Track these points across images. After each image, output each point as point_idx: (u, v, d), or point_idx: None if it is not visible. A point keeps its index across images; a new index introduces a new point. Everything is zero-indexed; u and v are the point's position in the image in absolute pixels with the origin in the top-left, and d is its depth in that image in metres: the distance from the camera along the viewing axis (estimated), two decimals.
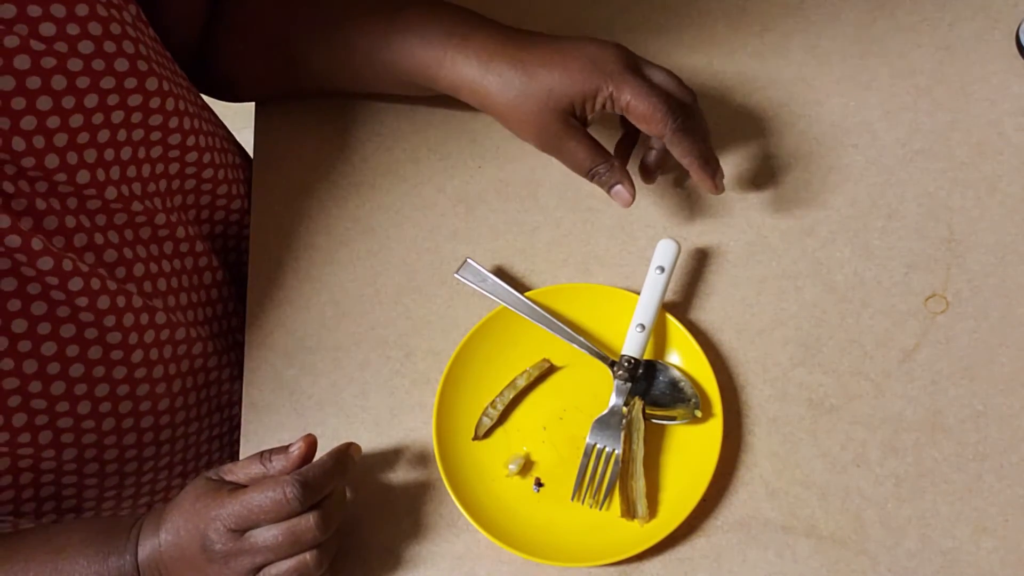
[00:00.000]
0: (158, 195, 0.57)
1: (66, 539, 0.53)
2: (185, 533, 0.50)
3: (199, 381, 0.63)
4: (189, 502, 0.50)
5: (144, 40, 0.54)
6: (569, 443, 0.57)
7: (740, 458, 0.55)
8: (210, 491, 0.50)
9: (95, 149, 0.52)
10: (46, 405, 0.53)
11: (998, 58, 0.64)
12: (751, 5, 0.69)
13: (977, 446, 0.54)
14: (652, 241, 0.60)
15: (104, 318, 0.54)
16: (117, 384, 0.56)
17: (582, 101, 0.54)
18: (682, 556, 0.53)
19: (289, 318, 0.63)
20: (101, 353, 0.54)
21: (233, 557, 0.48)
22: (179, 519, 0.50)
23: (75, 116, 0.50)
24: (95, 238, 0.54)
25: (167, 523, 0.51)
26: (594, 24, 0.70)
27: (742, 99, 0.66)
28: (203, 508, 0.49)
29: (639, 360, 0.56)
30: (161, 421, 0.60)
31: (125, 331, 0.55)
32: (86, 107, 0.50)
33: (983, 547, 0.51)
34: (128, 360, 0.56)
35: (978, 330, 0.57)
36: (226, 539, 0.48)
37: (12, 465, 0.54)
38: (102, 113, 0.51)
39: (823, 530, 0.53)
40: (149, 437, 0.60)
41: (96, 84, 0.50)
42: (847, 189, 0.62)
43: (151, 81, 0.53)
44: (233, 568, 0.49)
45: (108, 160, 0.53)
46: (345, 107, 0.70)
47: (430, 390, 0.59)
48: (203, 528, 0.49)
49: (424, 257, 0.64)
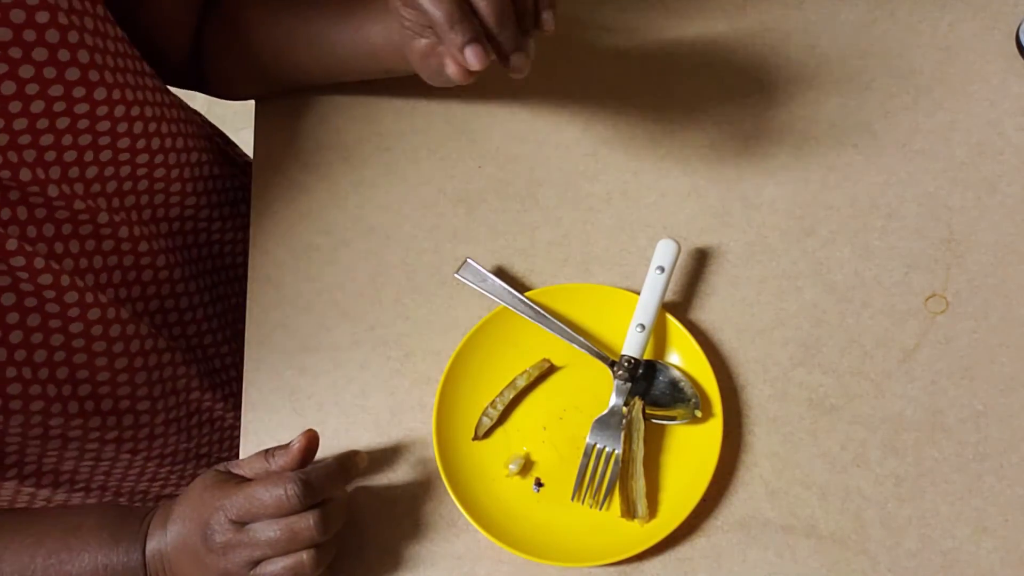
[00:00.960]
0: (103, 195, 0.59)
1: (80, 520, 0.55)
2: (190, 523, 0.51)
3: (147, 363, 0.64)
4: (197, 492, 0.52)
5: (104, 46, 0.55)
6: (569, 443, 0.57)
7: (740, 458, 0.55)
8: (218, 483, 0.51)
9: (35, 150, 0.53)
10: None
11: (998, 58, 0.64)
12: (751, 5, 0.69)
13: (977, 446, 0.54)
14: (652, 241, 0.60)
15: (44, 291, 0.55)
16: (54, 351, 0.57)
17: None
18: (682, 556, 0.53)
19: (289, 318, 0.63)
20: (39, 321, 0.56)
21: (232, 549, 0.49)
22: (186, 508, 0.52)
23: (19, 120, 0.51)
24: (44, 229, 0.56)
25: (175, 515, 0.52)
26: (594, 24, 0.70)
27: (742, 99, 0.66)
28: (209, 498, 0.51)
29: (639, 360, 0.56)
30: (101, 391, 0.61)
31: (64, 306, 0.57)
32: (32, 112, 0.52)
33: (983, 547, 0.51)
34: (67, 330, 0.57)
35: (978, 330, 0.57)
36: (227, 529, 0.49)
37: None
38: (47, 119, 0.53)
39: (823, 530, 0.53)
40: (90, 406, 0.61)
41: (44, 91, 0.52)
42: (847, 189, 0.62)
43: (100, 91, 0.55)
44: (231, 559, 0.49)
45: (49, 161, 0.54)
46: (345, 107, 0.70)
47: (430, 390, 0.59)
48: (207, 517, 0.50)
49: (424, 257, 0.64)
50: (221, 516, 0.49)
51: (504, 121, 0.68)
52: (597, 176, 0.65)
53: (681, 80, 0.67)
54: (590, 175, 0.65)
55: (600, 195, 0.64)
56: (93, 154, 0.57)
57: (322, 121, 0.70)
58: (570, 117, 0.68)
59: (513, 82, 0.70)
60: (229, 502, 0.49)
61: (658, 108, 0.67)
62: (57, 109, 0.53)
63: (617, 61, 0.69)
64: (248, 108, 0.72)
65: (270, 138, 0.70)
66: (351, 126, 0.70)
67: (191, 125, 0.67)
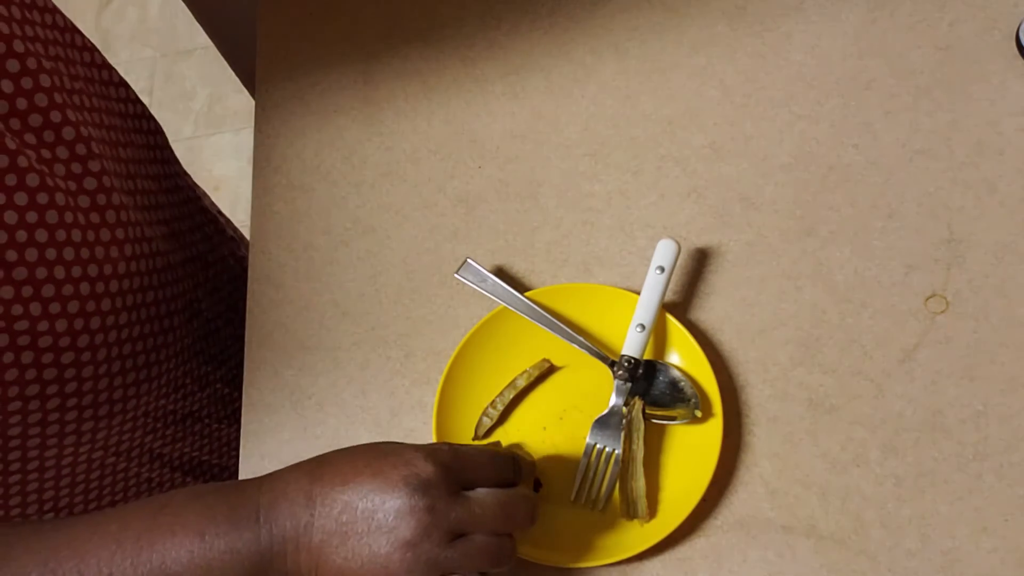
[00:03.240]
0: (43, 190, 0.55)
1: (167, 499, 0.45)
2: (366, 485, 0.42)
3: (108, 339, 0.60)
4: (354, 456, 0.43)
5: (35, 52, 0.54)
6: (569, 443, 0.57)
7: (740, 458, 0.55)
8: (391, 449, 0.43)
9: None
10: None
11: (998, 58, 0.64)
12: (751, 5, 0.69)
13: (977, 446, 0.54)
14: (652, 241, 0.60)
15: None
16: (10, 304, 0.53)
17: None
18: (682, 556, 0.53)
19: (289, 318, 0.63)
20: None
21: (440, 513, 0.41)
22: (347, 471, 0.43)
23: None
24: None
25: (325, 481, 0.43)
26: (594, 24, 0.70)
27: (742, 99, 0.66)
28: (394, 456, 0.42)
29: (639, 360, 0.56)
30: (64, 359, 0.57)
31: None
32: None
33: (983, 547, 0.51)
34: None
35: (978, 330, 0.57)
36: (440, 486, 0.41)
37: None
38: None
39: (823, 530, 0.53)
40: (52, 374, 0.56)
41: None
42: (847, 189, 0.62)
43: (20, 101, 0.53)
44: (438, 524, 0.41)
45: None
46: (345, 107, 0.70)
47: (430, 390, 0.59)
48: (401, 475, 0.41)
49: (424, 257, 0.64)
50: (430, 470, 0.41)
51: (504, 121, 0.68)
52: (597, 176, 0.65)
53: (681, 80, 0.67)
54: (590, 175, 0.65)
55: (600, 195, 0.64)
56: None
57: (322, 121, 0.70)
58: (570, 117, 0.68)
59: (513, 82, 0.70)
60: (437, 456, 0.42)
61: (658, 108, 0.67)
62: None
63: (617, 61, 0.69)
64: (248, 108, 0.73)
65: (270, 138, 0.70)
66: (351, 126, 0.70)
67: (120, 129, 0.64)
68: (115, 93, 0.66)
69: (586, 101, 0.68)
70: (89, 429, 0.61)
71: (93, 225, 0.58)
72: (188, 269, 0.72)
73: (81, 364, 0.58)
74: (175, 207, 0.73)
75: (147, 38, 2.10)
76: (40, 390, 0.56)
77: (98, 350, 0.59)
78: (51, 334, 0.55)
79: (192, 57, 2.03)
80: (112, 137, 0.63)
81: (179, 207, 0.74)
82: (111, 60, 0.68)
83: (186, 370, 0.70)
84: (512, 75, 0.70)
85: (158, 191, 0.69)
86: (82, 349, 0.57)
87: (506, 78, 0.70)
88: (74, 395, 0.58)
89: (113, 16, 2.14)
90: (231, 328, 0.78)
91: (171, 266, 0.68)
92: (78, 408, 0.59)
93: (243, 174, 1.87)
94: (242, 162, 1.88)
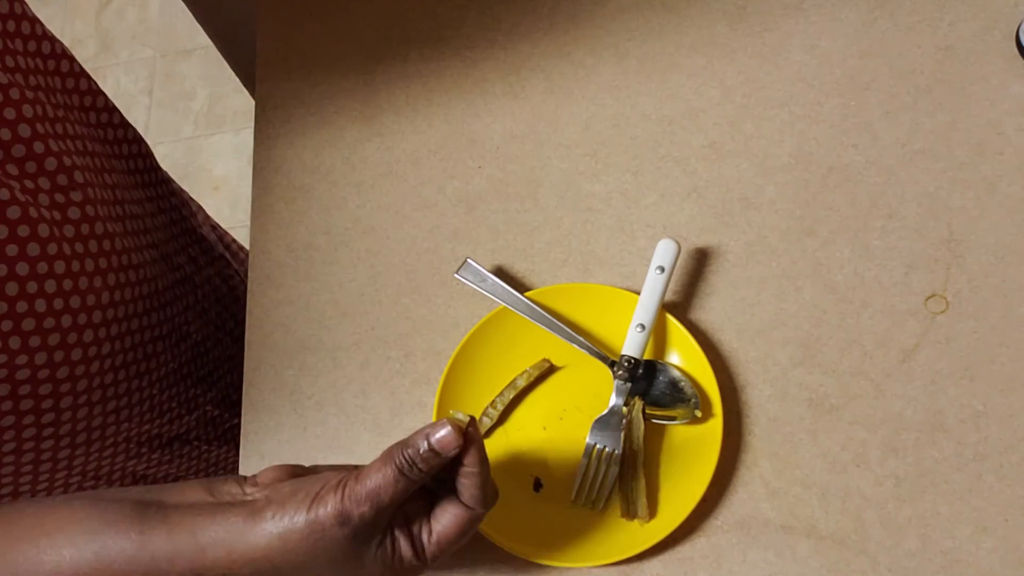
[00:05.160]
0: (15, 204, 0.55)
1: (62, 501, 0.44)
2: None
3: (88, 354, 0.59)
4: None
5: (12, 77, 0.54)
6: (569, 443, 0.57)
7: (740, 458, 0.55)
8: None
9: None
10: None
11: (998, 58, 0.64)
12: (751, 5, 0.69)
13: (977, 446, 0.54)
14: (652, 241, 0.60)
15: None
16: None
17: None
18: (682, 556, 0.53)
19: (289, 318, 0.63)
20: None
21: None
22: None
23: None
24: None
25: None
26: (594, 25, 0.70)
27: (742, 99, 0.66)
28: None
29: (639, 360, 0.56)
30: (42, 390, 0.56)
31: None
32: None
33: (983, 547, 0.51)
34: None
35: (978, 330, 0.57)
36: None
37: None
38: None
39: (823, 530, 0.53)
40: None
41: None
42: (847, 189, 0.62)
43: (3, 132, 0.53)
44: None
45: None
46: (345, 107, 0.70)
47: (430, 390, 0.59)
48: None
49: (424, 257, 0.64)
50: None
51: (504, 121, 0.68)
52: (597, 176, 0.65)
53: (681, 80, 0.67)
54: (590, 175, 0.65)
55: (600, 195, 0.64)
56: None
57: (322, 121, 0.70)
58: (570, 117, 0.68)
59: (513, 82, 0.70)
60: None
61: (658, 108, 0.67)
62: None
63: (617, 61, 0.69)
64: (248, 108, 0.73)
65: (270, 138, 0.70)
66: (351, 126, 0.70)
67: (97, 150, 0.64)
68: (98, 119, 0.66)
69: (586, 101, 0.68)
70: (65, 457, 0.60)
71: (77, 255, 0.57)
72: (177, 292, 0.71)
73: (60, 395, 0.57)
74: (164, 229, 0.72)
75: (147, 38, 2.10)
76: (15, 420, 0.55)
77: (78, 380, 0.58)
78: (29, 367, 0.54)
79: (192, 57, 2.03)
80: (96, 164, 0.62)
81: (168, 228, 0.73)
82: (111, 60, 0.68)
83: (172, 394, 0.69)
84: (512, 75, 0.70)
85: (146, 214, 0.69)
86: (61, 380, 0.57)
87: (506, 78, 0.70)
88: (51, 425, 0.57)
89: (113, 16, 2.14)
90: (220, 349, 0.78)
91: (158, 291, 0.67)
92: (54, 437, 0.58)
93: (243, 174, 1.87)
94: (242, 162, 1.88)
